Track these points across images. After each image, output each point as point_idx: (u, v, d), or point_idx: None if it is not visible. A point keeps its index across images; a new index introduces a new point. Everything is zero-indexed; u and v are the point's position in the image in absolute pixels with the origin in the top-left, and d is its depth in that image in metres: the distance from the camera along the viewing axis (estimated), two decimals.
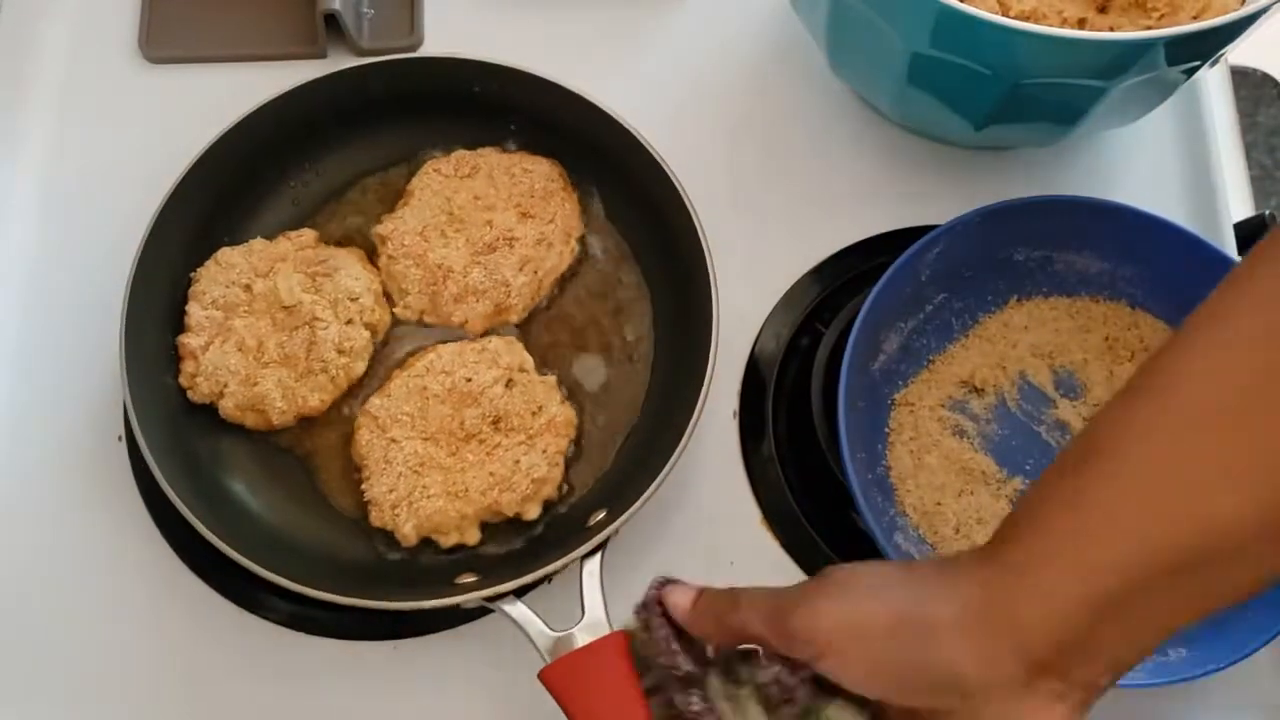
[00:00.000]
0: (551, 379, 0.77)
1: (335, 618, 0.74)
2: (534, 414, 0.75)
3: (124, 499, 0.77)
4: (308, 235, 0.80)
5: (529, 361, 0.78)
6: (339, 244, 0.81)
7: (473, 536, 0.74)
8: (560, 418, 0.76)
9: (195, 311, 0.77)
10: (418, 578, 0.73)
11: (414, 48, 0.90)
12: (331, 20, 0.87)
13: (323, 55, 0.89)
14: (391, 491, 0.73)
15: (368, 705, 0.74)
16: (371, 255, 0.81)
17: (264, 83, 0.80)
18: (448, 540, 0.73)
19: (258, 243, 0.79)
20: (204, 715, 0.74)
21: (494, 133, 0.83)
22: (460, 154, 0.82)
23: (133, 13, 0.91)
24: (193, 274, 0.78)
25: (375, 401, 0.76)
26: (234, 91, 0.82)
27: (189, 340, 0.76)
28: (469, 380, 0.76)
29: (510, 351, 0.77)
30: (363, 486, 0.74)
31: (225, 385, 0.75)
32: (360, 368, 0.78)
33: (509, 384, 0.76)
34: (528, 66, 0.79)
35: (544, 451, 0.75)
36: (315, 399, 0.76)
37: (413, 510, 0.73)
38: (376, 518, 0.73)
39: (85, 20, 0.92)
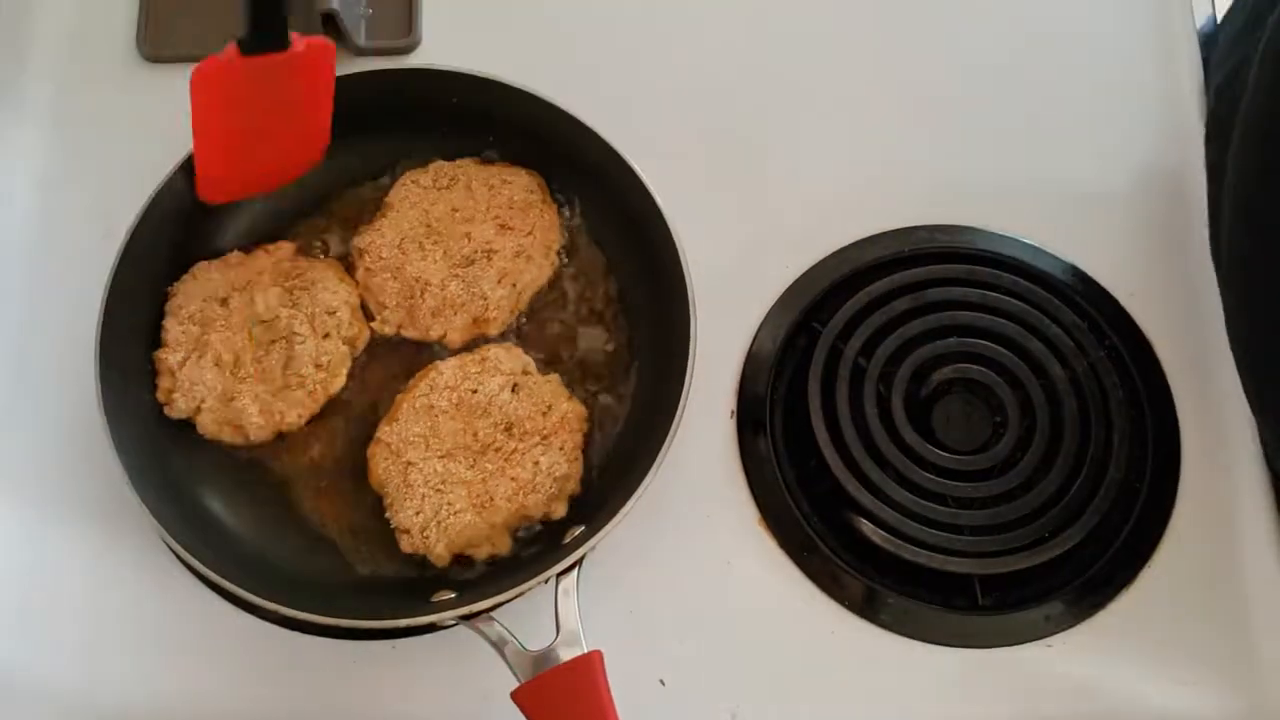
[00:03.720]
0: (555, 377, 0.77)
1: None
2: (544, 414, 0.75)
3: (117, 499, 0.77)
4: (285, 248, 0.80)
5: (531, 364, 0.77)
6: (317, 256, 0.81)
7: (505, 545, 0.74)
8: (571, 413, 0.76)
9: (172, 327, 0.76)
10: (392, 594, 0.73)
11: (412, 48, 0.89)
12: (329, 19, 0.86)
13: None
14: (418, 514, 0.73)
15: (366, 703, 0.74)
16: (349, 268, 0.80)
17: None
18: (481, 553, 0.73)
19: (234, 256, 0.79)
20: (198, 712, 0.74)
21: (473, 143, 0.82)
22: (438, 165, 0.81)
23: (130, 12, 0.91)
24: (169, 288, 0.78)
25: (385, 428, 0.75)
26: None
27: (165, 356, 0.76)
28: (475, 392, 0.75)
29: (510, 357, 0.77)
30: (387, 515, 0.74)
31: (203, 401, 0.75)
32: (338, 383, 0.78)
33: (515, 389, 0.76)
34: (508, 78, 0.78)
35: (561, 449, 0.75)
36: (293, 414, 0.76)
37: (442, 530, 0.73)
38: (407, 544, 0.73)
39: (82, 18, 0.92)
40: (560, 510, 0.74)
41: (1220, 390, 0.81)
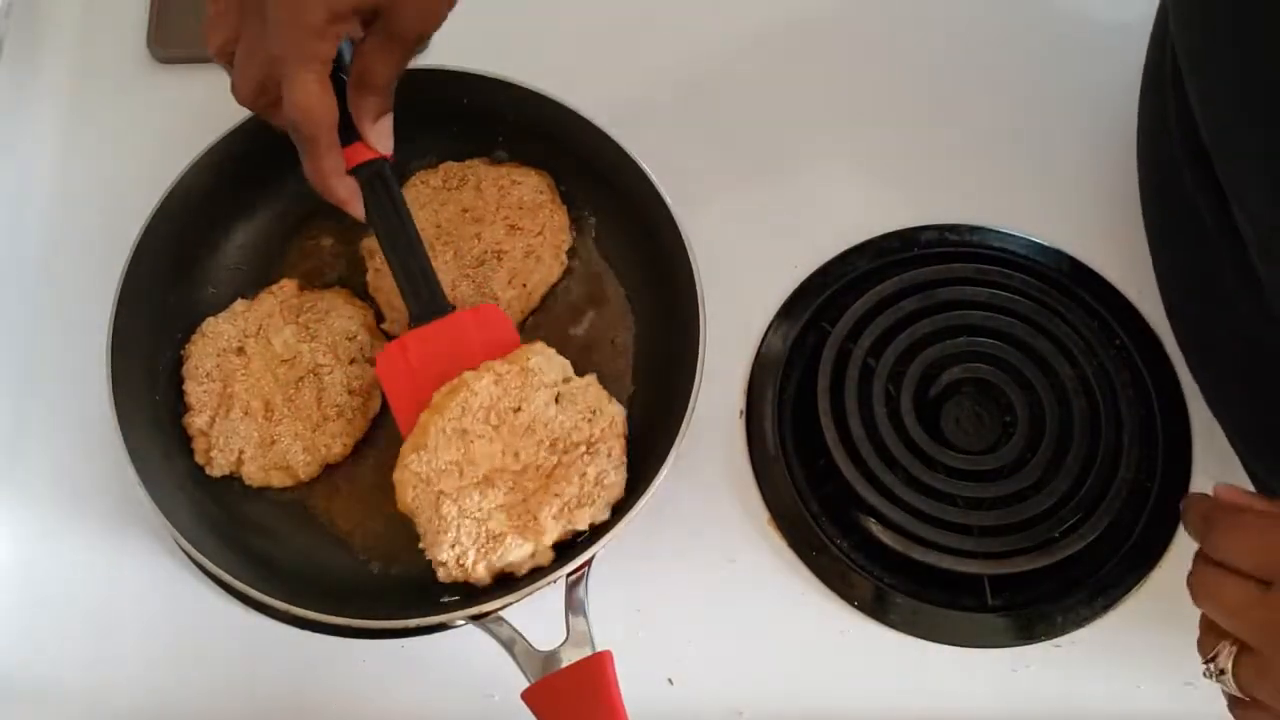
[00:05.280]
0: (592, 378, 0.73)
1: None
2: (590, 420, 0.71)
3: (131, 498, 0.77)
4: (288, 285, 0.80)
5: (569, 366, 0.73)
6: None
7: (547, 558, 0.69)
8: (617, 416, 0.72)
9: (192, 389, 0.76)
10: (403, 593, 0.73)
11: (421, 48, 0.89)
12: None
13: None
14: (454, 547, 0.68)
15: (375, 703, 0.74)
16: (359, 271, 0.81)
17: None
18: (523, 570, 0.69)
19: (240, 304, 0.79)
20: (205, 711, 0.75)
21: (482, 144, 0.82)
22: (448, 166, 0.82)
23: (141, 12, 0.91)
24: (182, 351, 0.78)
25: (412, 456, 0.69)
26: None
27: (192, 419, 0.76)
28: (518, 410, 0.70)
29: (552, 365, 0.72)
30: (420, 546, 0.70)
31: (242, 452, 0.75)
32: (375, 405, 0.77)
33: (558, 399, 0.72)
34: (518, 79, 0.78)
35: (609, 456, 0.70)
36: (338, 445, 0.76)
37: (482, 556, 0.68)
38: (444, 575, 0.69)
39: (93, 19, 0.92)
40: (603, 515, 0.70)
41: None
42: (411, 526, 0.74)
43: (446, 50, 0.89)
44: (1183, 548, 0.77)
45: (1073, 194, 0.87)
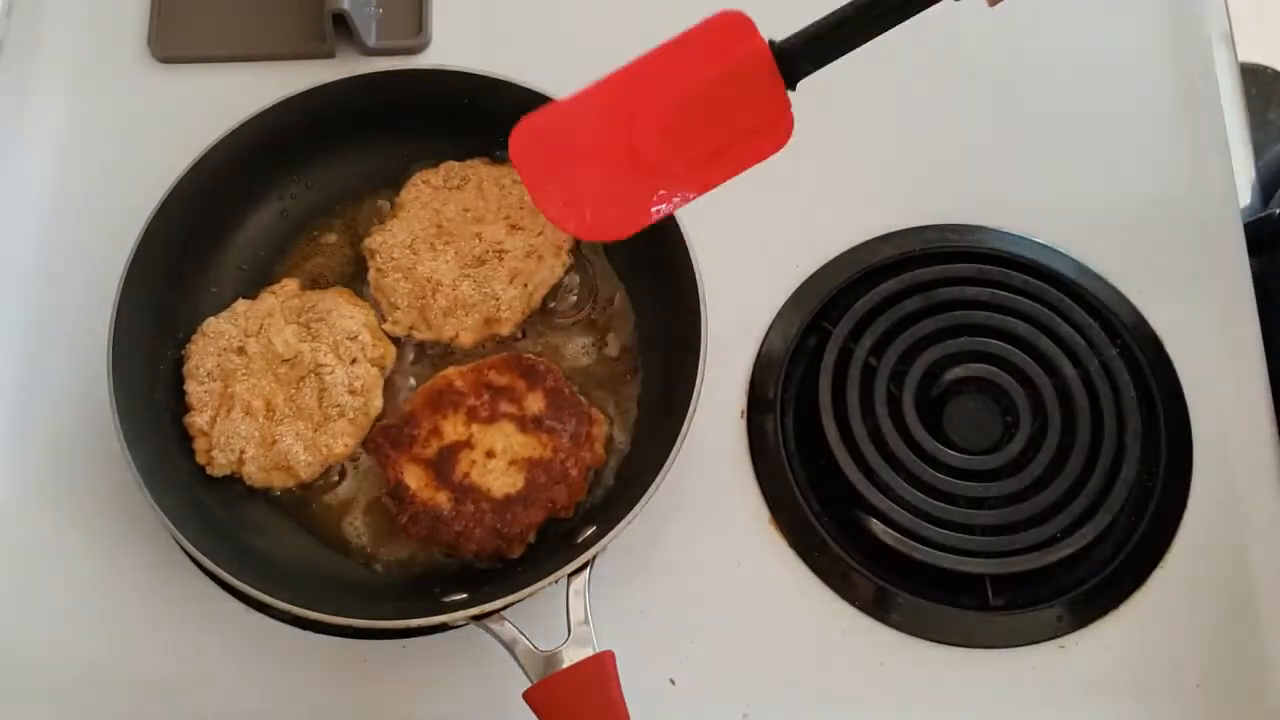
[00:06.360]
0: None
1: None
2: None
3: (131, 498, 0.77)
4: (289, 285, 0.80)
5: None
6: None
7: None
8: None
9: (193, 388, 0.76)
10: (406, 593, 0.73)
11: (422, 48, 0.90)
12: (340, 20, 0.87)
13: (331, 55, 0.89)
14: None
15: (377, 703, 0.74)
16: (361, 271, 0.81)
17: (272, 82, 0.80)
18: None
19: (241, 304, 0.79)
20: (209, 711, 0.74)
21: (483, 143, 0.82)
22: (449, 165, 0.81)
23: (142, 12, 0.91)
24: (183, 350, 0.77)
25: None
26: (242, 91, 0.82)
27: (194, 419, 0.76)
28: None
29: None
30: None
31: (243, 452, 0.75)
32: (377, 404, 0.77)
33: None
34: (518, 78, 0.78)
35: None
36: (340, 444, 0.75)
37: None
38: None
39: (94, 19, 0.92)
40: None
41: (1233, 388, 0.81)
42: None
43: (446, 50, 0.89)
44: (1184, 547, 0.77)
45: (1074, 195, 0.87)
